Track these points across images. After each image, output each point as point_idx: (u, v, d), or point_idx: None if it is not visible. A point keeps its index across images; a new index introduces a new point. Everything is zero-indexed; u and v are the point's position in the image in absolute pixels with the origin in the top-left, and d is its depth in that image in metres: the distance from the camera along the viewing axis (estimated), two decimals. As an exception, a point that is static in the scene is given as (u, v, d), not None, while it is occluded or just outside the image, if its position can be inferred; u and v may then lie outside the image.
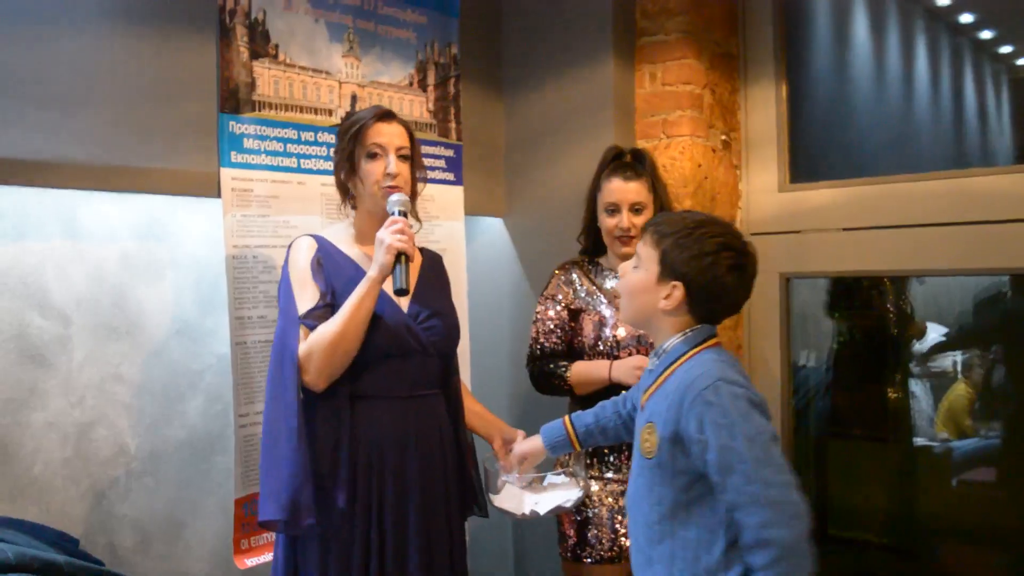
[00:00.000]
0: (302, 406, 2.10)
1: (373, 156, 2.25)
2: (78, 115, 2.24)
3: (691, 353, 1.79)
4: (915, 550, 3.32)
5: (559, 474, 2.30)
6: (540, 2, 3.29)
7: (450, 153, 3.11)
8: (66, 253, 2.36)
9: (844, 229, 3.10)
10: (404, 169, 2.27)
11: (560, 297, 2.62)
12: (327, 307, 2.16)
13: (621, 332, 2.52)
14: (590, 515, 2.51)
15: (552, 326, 2.60)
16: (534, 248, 3.29)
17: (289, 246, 2.29)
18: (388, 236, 2.10)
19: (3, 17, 2.12)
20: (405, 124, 2.32)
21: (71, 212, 2.38)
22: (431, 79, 3.07)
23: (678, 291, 1.78)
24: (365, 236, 2.29)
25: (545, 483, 2.25)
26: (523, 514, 2.20)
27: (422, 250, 2.43)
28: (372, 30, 2.88)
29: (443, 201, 3.07)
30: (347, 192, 2.33)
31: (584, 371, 2.51)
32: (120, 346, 2.45)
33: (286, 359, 2.12)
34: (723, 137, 3.25)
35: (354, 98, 2.81)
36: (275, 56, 2.61)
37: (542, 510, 2.19)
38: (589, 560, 2.50)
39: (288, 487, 2.05)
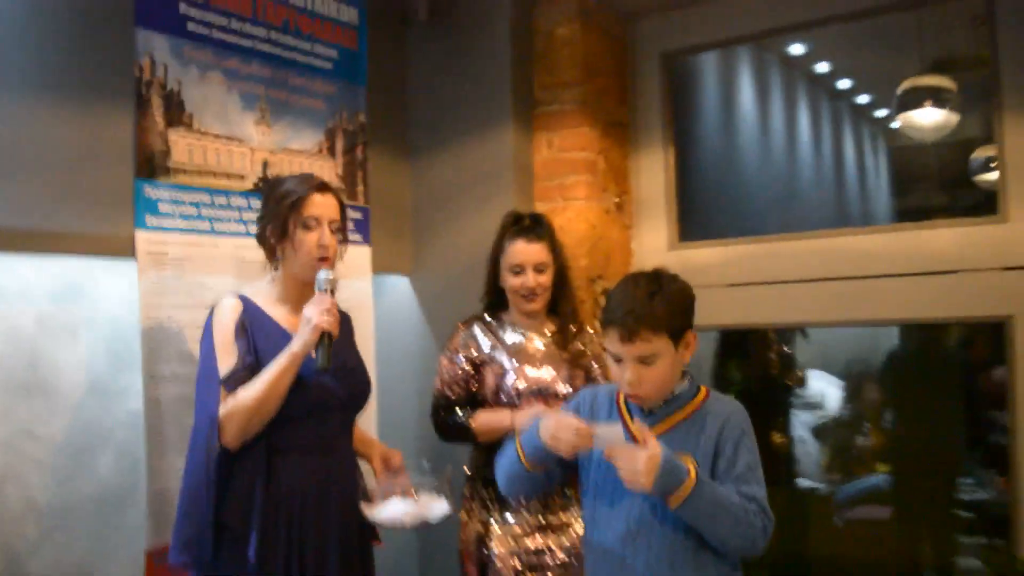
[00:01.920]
0: (217, 461, 2.15)
1: (308, 227, 2.31)
2: (-3, 181, 2.34)
3: (703, 392, 2.01)
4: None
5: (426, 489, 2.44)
6: (443, 73, 3.48)
7: (357, 215, 3.26)
8: (-19, 314, 2.44)
9: (730, 285, 3.32)
10: (334, 241, 2.36)
11: (463, 350, 2.76)
12: (247, 370, 2.21)
13: (522, 384, 2.68)
14: (492, 555, 2.63)
15: (456, 377, 2.74)
16: (439, 305, 3.45)
17: (213, 306, 2.34)
18: (316, 315, 2.17)
19: (-77, 88, 2.22)
20: (337, 195, 2.41)
21: (-13, 274, 2.45)
22: (340, 145, 3.23)
23: (692, 335, 1.98)
24: (288, 297, 2.38)
25: (415, 495, 2.39)
26: (402, 523, 2.32)
27: None
28: (283, 99, 3.02)
29: (351, 261, 3.17)
30: (273, 253, 2.38)
31: (487, 420, 2.65)
32: (33, 404, 2.52)
33: (203, 417, 2.18)
34: (616, 200, 3.47)
35: (265, 164, 2.95)
36: (190, 125, 2.74)
37: (415, 520, 2.32)
38: None
39: (194, 531, 2.16)
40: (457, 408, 2.72)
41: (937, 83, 3.60)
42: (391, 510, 2.32)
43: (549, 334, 2.77)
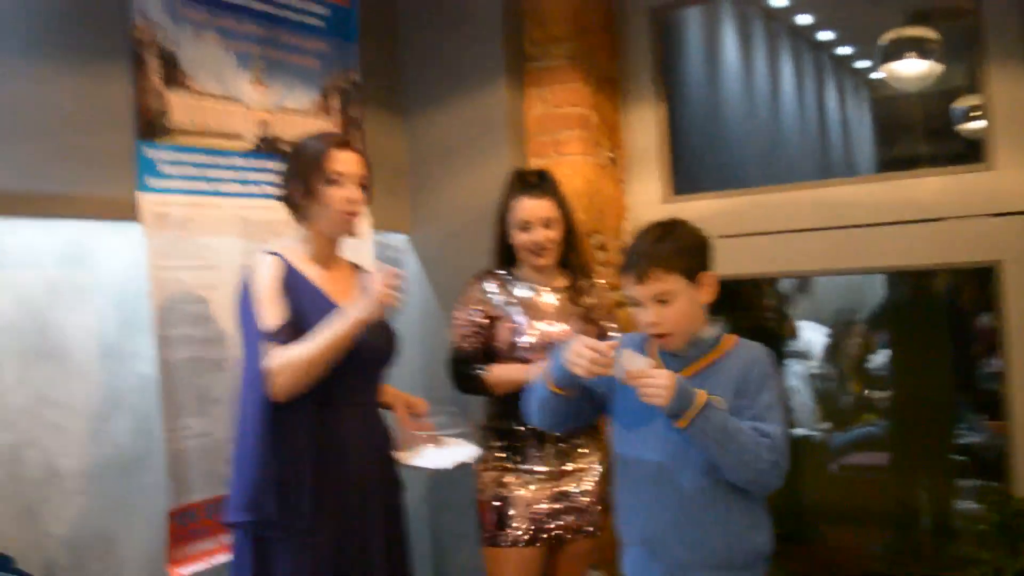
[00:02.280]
0: (268, 415, 2.19)
1: (333, 182, 2.34)
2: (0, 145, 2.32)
3: (730, 337, 2.09)
4: (802, 534, 3.61)
5: (450, 435, 2.58)
6: (435, 30, 3.48)
7: (356, 174, 3.26)
8: (-10, 280, 2.43)
9: (721, 236, 3.37)
10: (361, 196, 2.40)
11: (477, 304, 2.79)
12: (292, 326, 2.24)
13: (533, 338, 2.72)
14: (509, 503, 2.69)
15: (471, 330, 2.78)
16: (438, 262, 3.48)
17: (249, 265, 2.36)
18: (382, 290, 2.19)
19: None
20: (359, 151, 2.44)
21: (-8, 240, 2.44)
22: (335, 104, 3.22)
23: (709, 277, 2.04)
24: (320, 255, 2.42)
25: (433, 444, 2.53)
26: (436, 468, 2.46)
27: (356, 266, 2.59)
28: (278, 58, 3.00)
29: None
30: (299, 211, 2.41)
31: (502, 373, 2.70)
32: (47, 369, 2.51)
33: (252, 373, 2.20)
34: (609, 154, 3.50)
35: (263, 123, 2.94)
36: (187, 85, 2.72)
37: (449, 462, 2.46)
38: (508, 544, 2.68)
39: (252, 490, 2.18)
40: (473, 361, 2.76)
41: (920, 34, 3.65)
42: (428, 456, 2.40)
43: (560, 288, 2.82)
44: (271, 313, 2.24)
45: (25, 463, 2.45)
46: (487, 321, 2.78)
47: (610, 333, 2.82)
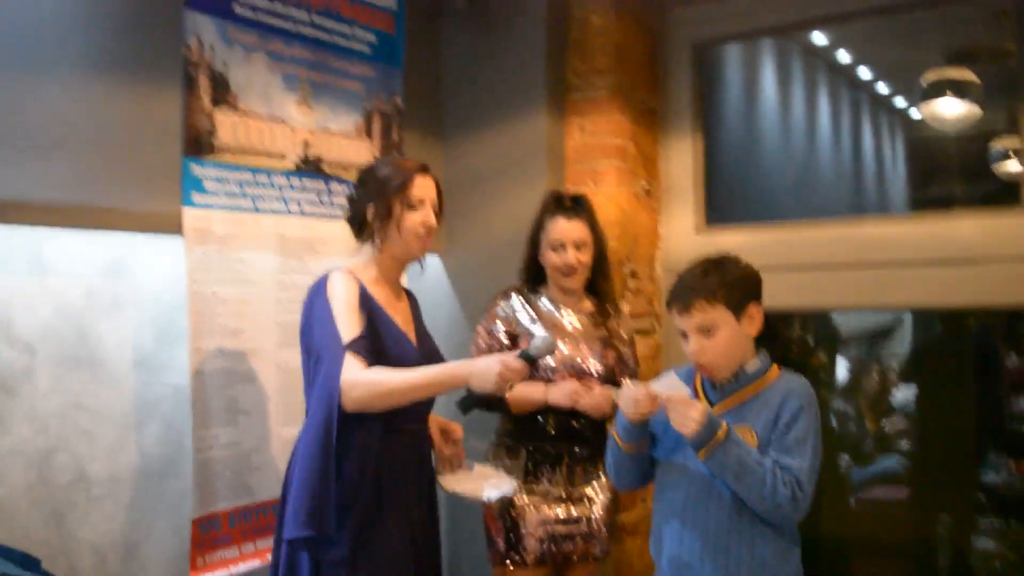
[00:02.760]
0: (336, 430, 2.14)
1: (412, 207, 2.37)
2: (51, 158, 2.40)
3: (774, 369, 2.12)
4: (822, 566, 3.59)
5: (487, 465, 2.62)
6: (478, 58, 3.54)
7: (393, 196, 3.32)
8: (33, 287, 2.50)
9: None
10: (435, 223, 2.43)
11: (500, 321, 2.81)
12: (368, 340, 2.23)
13: (554, 360, 2.72)
14: (518, 522, 2.70)
15: (492, 347, 2.78)
16: (469, 284, 3.51)
17: (323, 277, 2.33)
18: (506, 373, 2.11)
19: (-15, 65, 2.28)
20: (435, 177, 2.47)
21: (38, 248, 2.51)
22: (376, 127, 3.28)
23: (755, 308, 2.09)
24: (387, 278, 2.44)
25: (473, 471, 2.55)
26: (476, 497, 2.47)
27: (406, 291, 2.61)
28: (323, 81, 3.08)
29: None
30: (369, 232, 2.41)
31: (521, 392, 2.68)
32: (81, 376, 2.58)
33: (328, 388, 2.15)
34: (644, 184, 3.53)
35: (306, 144, 3.01)
36: (235, 105, 2.79)
37: (492, 494, 2.46)
38: (518, 564, 2.69)
39: (313, 506, 2.14)
40: None
41: (959, 76, 3.64)
42: (470, 485, 2.43)
43: (585, 312, 2.84)
44: (350, 326, 2.22)
45: (55, 467, 2.52)
46: (508, 340, 2.78)
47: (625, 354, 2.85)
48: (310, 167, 3.02)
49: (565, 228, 2.77)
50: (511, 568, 2.71)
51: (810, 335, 3.73)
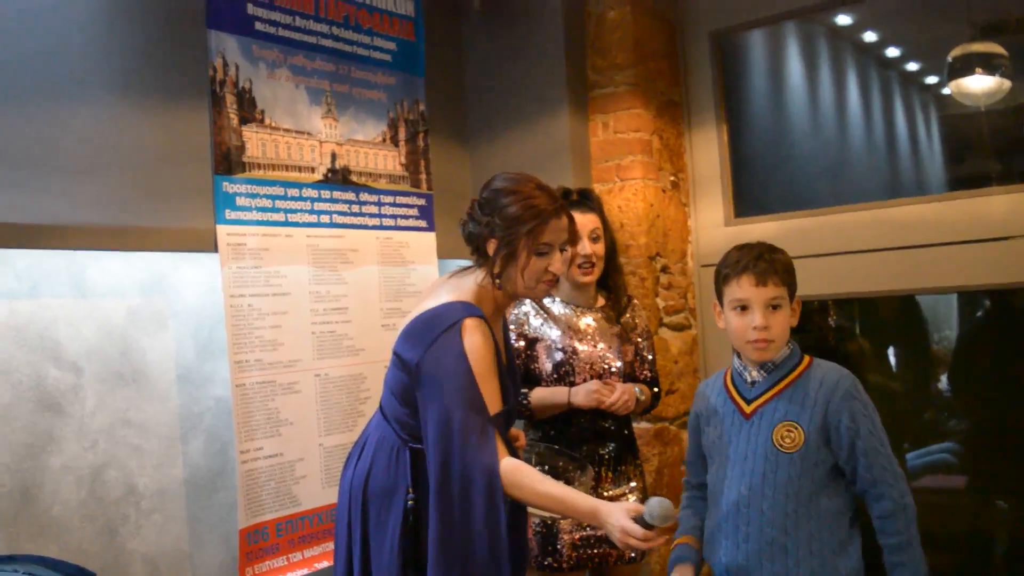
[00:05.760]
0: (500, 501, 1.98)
1: (540, 254, 2.15)
2: (88, 182, 2.47)
3: (807, 360, 2.14)
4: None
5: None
6: (499, 60, 3.57)
7: (422, 202, 3.36)
8: (77, 308, 2.57)
9: (787, 257, 3.37)
10: (561, 260, 2.20)
11: (515, 327, 2.78)
12: (508, 415, 2.14)
13: (573, 359, 2.72)
14: (550, 528, 2.68)
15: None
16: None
17: (456, 325, 2.08)
18: (623, 528, 1.93)
19: (20, 93, 2.36)
20: (568, 212, 2.22)
21: (81, 270, 2.59)
22: (402, 135, 3.32)
23: (798, 302, 2.16)
24: (495, 312, 2.25)
25: None
26: (547, 516, 2.49)
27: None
28: (347, 92, 3.13)
29: (417, 247, 3.31)
30: (482, 254, 2.22)
31: (543, 397, 2.69)
32: (127, 393, 2.65)
33: (478, 468, 1.98)
34: (672, 178, 3.53)
35: (333, 156, 3.06)
36: (261, 121, 2.85)
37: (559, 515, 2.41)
38: (555, 570, 2.68)
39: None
40: None
41: (988, 49, 3.59)
42: None
43: (599, 308, 2.85)
44: (493, 397, 2.05)
45: (106, 483, 2.59)
46: (523, 344, 2.77)
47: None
48: (339, 178, 3.07)
49: (578, 221, 2.77)
50: (547, 574, 2.71)
51: (854, 321, 3.70)
